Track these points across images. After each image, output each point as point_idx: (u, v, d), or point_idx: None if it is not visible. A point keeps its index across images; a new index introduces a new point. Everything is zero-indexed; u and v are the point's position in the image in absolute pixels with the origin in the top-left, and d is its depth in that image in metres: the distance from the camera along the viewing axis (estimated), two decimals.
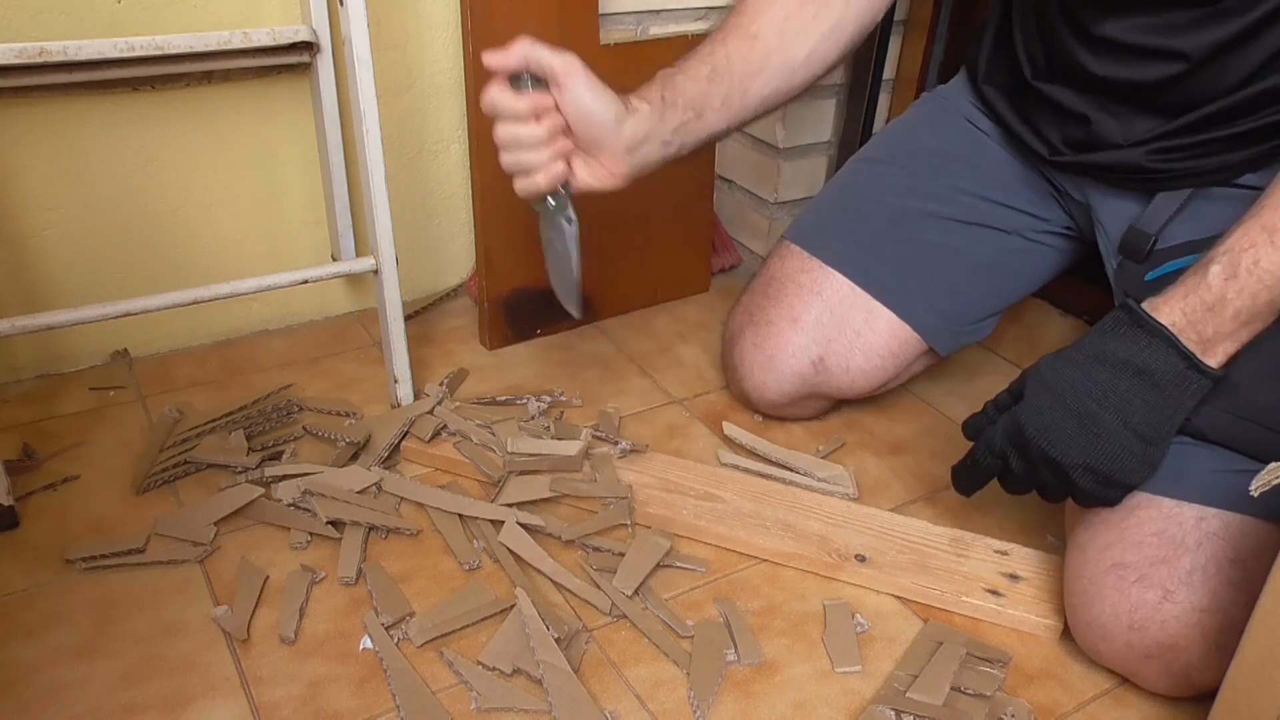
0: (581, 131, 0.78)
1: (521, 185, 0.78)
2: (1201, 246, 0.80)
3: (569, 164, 0.79)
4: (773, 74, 0.86)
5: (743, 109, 0.86)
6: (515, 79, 0.76)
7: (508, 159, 0.77)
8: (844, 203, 1.03)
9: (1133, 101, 0.83)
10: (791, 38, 0.86)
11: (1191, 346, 0.68)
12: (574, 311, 0.88)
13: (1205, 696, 0.64)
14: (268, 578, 0.83)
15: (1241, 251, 0.67)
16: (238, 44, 0.94)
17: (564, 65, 0.75)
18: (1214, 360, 0.69)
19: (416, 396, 1.05)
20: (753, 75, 0.85)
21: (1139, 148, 0.83)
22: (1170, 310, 0.69)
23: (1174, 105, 0.80)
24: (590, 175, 0.80)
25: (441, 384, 1.08)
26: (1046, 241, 0.99)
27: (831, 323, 0.97)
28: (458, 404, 1.04)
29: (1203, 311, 0.68)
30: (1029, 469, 0.75)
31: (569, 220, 0.83)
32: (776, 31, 0.85)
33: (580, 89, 0.76)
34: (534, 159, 0.76)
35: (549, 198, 0.80)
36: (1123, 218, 0.87)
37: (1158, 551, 0.72)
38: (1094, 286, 1.09)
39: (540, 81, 0.76)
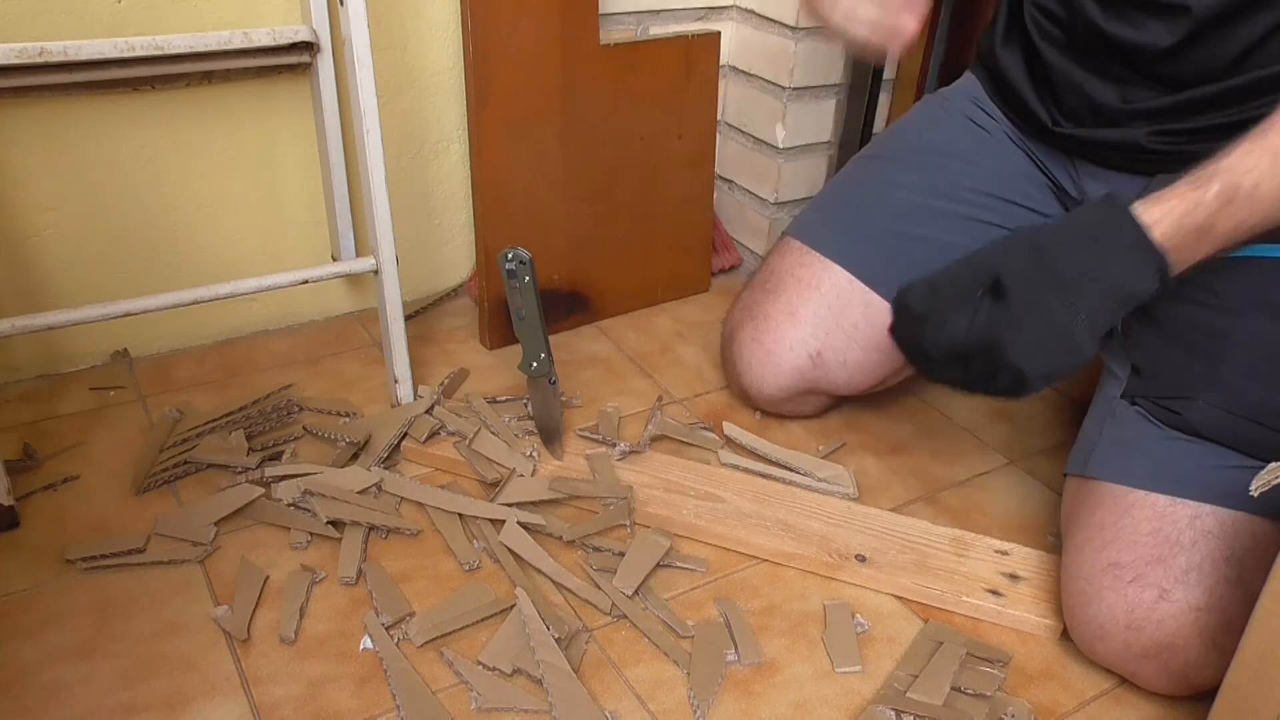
0: None
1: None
2: None
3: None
4: None
5: None
6: None
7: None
8: (845, 198, 1.04)
9: (1133, 67, 0.83)
10: None
11: (1172, 265, 0.67)
12: (555, 455, 0.98)
13: (1204, 696, 0.64)
14: (268, 578, 0.83)
15: (1243, 173, 0.65)
16: (238, 44, 0.94)
17: None
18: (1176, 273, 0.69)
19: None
20: None
21: (1139, 126, 0.83)
22: (1167, 228, 0.66)
23: (1171, 76, 0.80)
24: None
25: (442, 384, 1.08)
26: None
27: (829, 317, 0.97)
28: (460, 401, 1.05)
29: (1193, 234, 0.66)
30: (976, 370, 0.71)
31: (552, 381, 0.97)
32: None
33: None
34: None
35: (533, 363, 0.95)
36: None
37: (1153, 550, 0.72)
38: None
39: None
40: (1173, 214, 0.66)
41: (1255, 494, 0.54)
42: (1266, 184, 0.64)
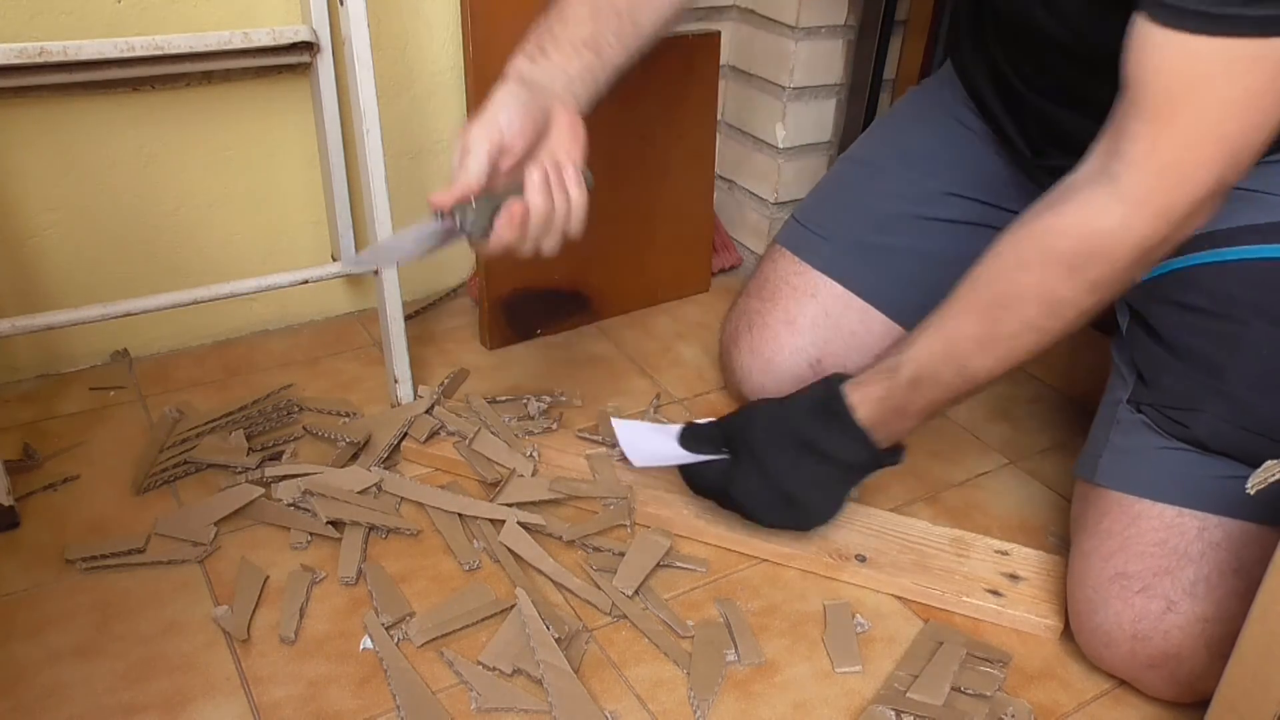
0: (530, 133, 0.76)
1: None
2: (1190, 245, 0.79)
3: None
4: (657, 3, 0.85)
5: (639, 40, 0.84)
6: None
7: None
8: (831, 207, 1.02)
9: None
10: None
11: (879, 439, 0.80)
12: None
13: (1207, 701, 0.64)
14: (268, 578, 0.83)
15: (923, 362, 0.76)
16: (238, 44, 0.94)
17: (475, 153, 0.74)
18: (890, 443, 0.81)
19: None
20: (638, 7, 0.83)
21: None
22: (868, 409, 0.79)
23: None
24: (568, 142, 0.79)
25: (442, 384, 1.08)
26: None
27: (828, 324, 0.97)
28: (460, 401, 1.05)
29: (891, 414, 0.79)
30: (736, 511, 0.86)
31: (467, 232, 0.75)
32: None
33: (494, 137, 0.74)
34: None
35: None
36: None
37: (1161, 562, 0.72)
38: None
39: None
40: (871, 398, 0.79)
41: (1252, 491, 0.54)
42: (943, 368, 0.75)
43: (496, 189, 0.74)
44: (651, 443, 0.88)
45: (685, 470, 0.88)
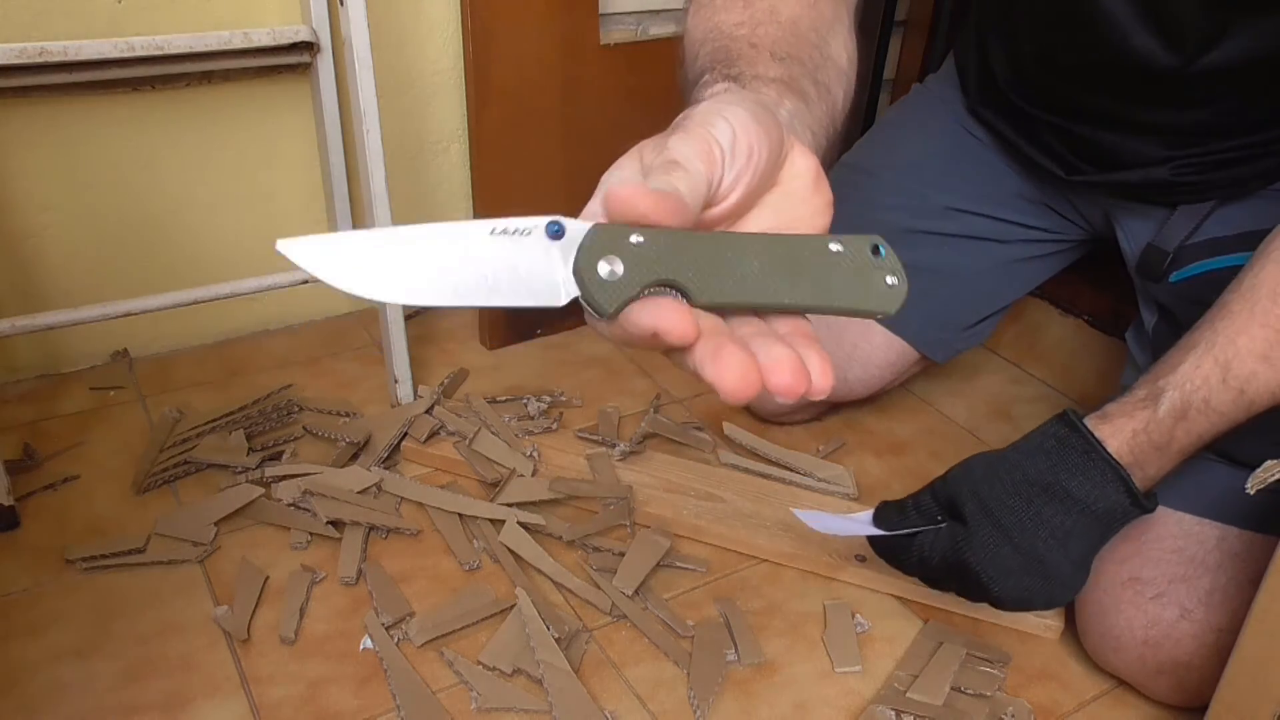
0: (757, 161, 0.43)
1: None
2: (1226, 245, 0.78)
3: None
4: (833, 69, 0.59)
5: (833, 107, 0.57)
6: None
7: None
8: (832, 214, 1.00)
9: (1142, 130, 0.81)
10: (825, 32, 0.60)
11: (1138, 483, 0.66)
12: None
13: (1209, 704, 0.64)
14: (268, 578, 0.83)
15: (1193, 390, 0.64)
16: (238, 44, 0.94)
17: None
18: (1145, 487, 0.67)
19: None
20: (819, 68, 0.57)
21: (1163, 166, 0.81)
22: (1119, 444, 0.66)
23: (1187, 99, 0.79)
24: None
25: (442, 384, 1.08)
26: (1044, 251, 0.98)
27: (828, 336, 0.96)
28: (460, 401, 1.05)
29: (1150, 450, 0.66)
30: (962, 589, 0.71)
31: None
32: (809, 25, 0.59)
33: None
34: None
35: None
36: (1142, 236, 0.86)
37: (1177, 569, 0.72)
38: (1094, 287, 1.10)
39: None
40: (1123, 431, 0.66)
41: (1251, 491, 0.54)
42: (1217, 398, 0.63)
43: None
44: (846, 527, 0.75)
45: (883, 544, 0.72)
